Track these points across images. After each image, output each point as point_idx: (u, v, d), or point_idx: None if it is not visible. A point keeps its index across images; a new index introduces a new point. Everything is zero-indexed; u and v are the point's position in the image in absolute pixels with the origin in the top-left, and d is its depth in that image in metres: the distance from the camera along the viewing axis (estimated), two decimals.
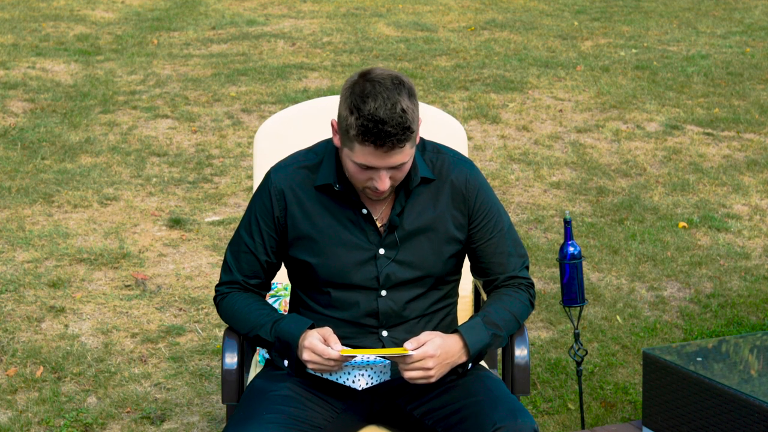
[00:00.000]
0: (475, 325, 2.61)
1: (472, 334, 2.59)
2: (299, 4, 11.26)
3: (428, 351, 2.50)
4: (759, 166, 6.64)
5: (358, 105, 2.44)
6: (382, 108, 2.42)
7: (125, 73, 8.36)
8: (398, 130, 2.43)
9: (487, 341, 2.61)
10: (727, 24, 10.75)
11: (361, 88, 2.45)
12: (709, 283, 5.06)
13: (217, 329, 4.47)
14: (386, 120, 2.41)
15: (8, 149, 6.55)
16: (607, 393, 4.10)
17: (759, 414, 3.23)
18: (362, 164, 2.49)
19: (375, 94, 2.43)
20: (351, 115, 2.45)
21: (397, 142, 2.44)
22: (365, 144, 2.45)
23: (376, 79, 2.46)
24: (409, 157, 2.51)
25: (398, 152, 2.46)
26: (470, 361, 2.62)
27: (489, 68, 8.66)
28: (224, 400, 2.75)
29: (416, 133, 2.51)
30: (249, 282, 2.73)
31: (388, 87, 2.44)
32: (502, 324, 2.65)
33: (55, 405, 3.90)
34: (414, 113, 2.46)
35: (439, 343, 2.52)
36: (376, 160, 2.47)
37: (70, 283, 4.84)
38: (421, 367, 2.50)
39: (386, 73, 2.49)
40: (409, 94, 2.46)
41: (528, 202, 6.00)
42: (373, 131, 2.42)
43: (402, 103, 2.43)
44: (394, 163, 2.48)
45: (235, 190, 6.01)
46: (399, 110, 2.42)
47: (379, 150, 2.45)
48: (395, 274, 2.64)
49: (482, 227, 2.69)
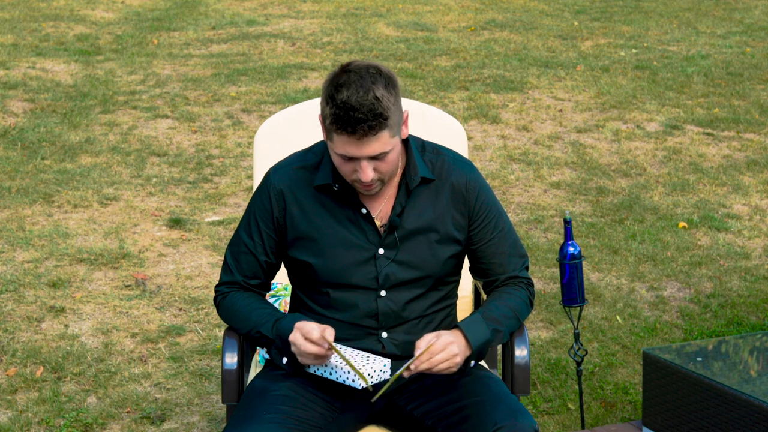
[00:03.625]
0: (476, 320, 2.61)
1: (473, 329, 2.58)
2: (299, 4, 11.26)
3: (447, 339, 2.49)
4: (759, 166, 6.64)
5: (333, 94, 2.45)
6: (354, 95, 2.43)
7: (125, 73, 8.36)
8: (369, 117, 2.42)
9: (488, 337, 2.60)
10: (727, 24, 10.75)
11: (337, 78, 2.47)
12: (709, 283, 5.06)
13: (217, 329, 4.47)
14: (357, 107, 2.42)
15: (8, 149, 6.55)
16: (607, 393, 4.10)
17: (759, 414, 3.23)
18: (342, 154, 2.50)
19: (349, 83, 2.44)
20: (327, 105, 2.47)
21: (369, 129, 2.44)
22: (340, 133, 2.46)
23: (352, 69, 2.48)
24: (390, 147, 2.50)
25: (373, 140, 2.46)
26: (472, 358, 2.62)
27: (489, 68, 8.66)
28: (224, 400, 2.75)
29: (395, 123, 2.49)
30: (249, 282, 2.73)
31: (362, 76, 2.45)
32: (502, 320, 2.64)
33: (55, 405, 3.90)
34: (389, 102, 2.45)
35: (447, 334, 2.52)
36: (354, 149, 2.47)
37: (70, 283, 4.84)
38: (448, 356, 2.48)
39: (365, 63, 2.50)
40: (386, 84, 2.46)
41: (528, 202, 6.00)
42: (344, 118, 2.43)
43: (375, 91, 2.43)
44: (371, 153, 2.48)
45: (235, 190, 6.01)
46: (371, 97, 2.42)
47: (352, 138, 2.45)
48: (395, 274, 2.64)
49: (482, 228, 2.69)
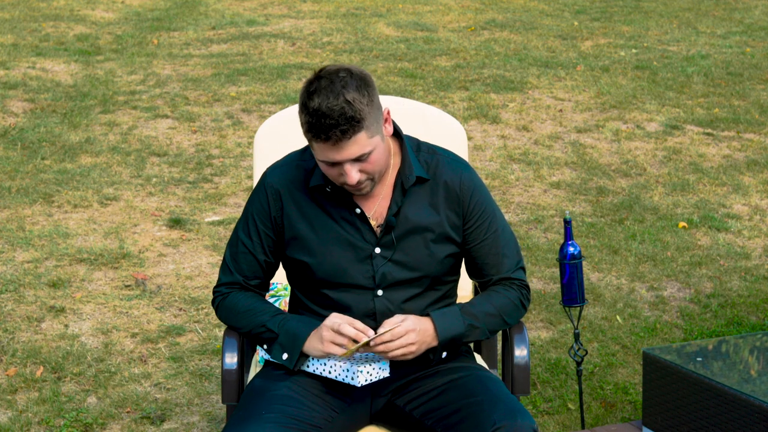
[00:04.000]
0: (450, 312, 2.62)
1: (444, 321, 2.60)
2: (299, 4, 11.26)
3: (408, 326, 2.53)
4: (759, 166, 6.64)
5: (305, 102, 2.45)
6: (324, 102, 2.42)
7: (125, 73, 8.36)
8: (341, 122, 2.42)
9: (461, 330, 2.61)
10: (727, 24, 10.75)
11: (309, 86, 2.47)
12: (709, 283, 5.06)
13: (217, 329, 4.47)
14: (327, 113, 2.42)
15: (8, 149, 6.55)
16: (607, 393, 4.10)
17: (759, 414, 3.23)
18: (324, 161, 2.50)
19: (319, 90, 2.44)
20: (301, 113, 2.47)
21: (342, 134, 2.43)
22: (316, 140, 2.46)
23: (324, 75, 2.47)
24: (371, 148, 2.49)
25: (350, 143, 2.45)
26: (442, 348, 2.62)
27: (489, 68, 8.66)
28: (224, 400, 2.75)
29: (372, 123, 2.48)
30: (249, 282, 2.73)
31: (332, 81, 2.44)
32: (482, 316, 2.65)
33: (55, 405, 3.90)
34: (361, 104, 2.44)
35: (414, 320, 2.56)
36: (333, 154, 2.47)
37: (70, 283, 4.84)
38: (405, 343, 2.52)
39: (335, 68, 2.48)
40: (358, 86, 2.45)
41: (528, 202, 6.00)
42: (317, 125, 2.43)
43: (346, 95, 2.42)
44: (351, 156, 2.47)
45: (235, 190, 6.01)
46: (341, 101, 2.42)
47: (328, 144, 2.45)
48: (391, 273, 2.64)
49: (476, 228, 2.69)
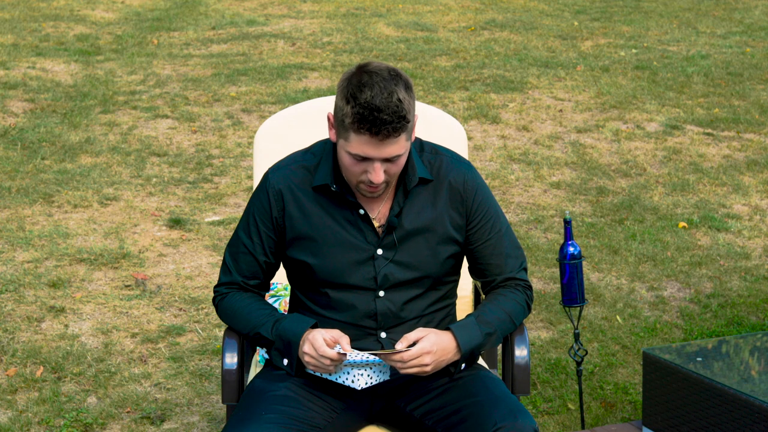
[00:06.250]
0: (468, 324, 2.62)
1: (464, 333, 2.59)
2: (299, 4, 11.26)
3: (425, 347, 2.51)
4: (759, 166, 6.64)
5: (355, 94, 2.45)
6: (378, 96, 2.43)
7: (125, 73, 8.36)
8: (394, 118, 2.43)
9: (480, 341, 2.61)
10: (727, 24, 10.75)
11: (358, 78, 2.47)
12: (709, 283, 5.06)
13: (217, 329, 4.47)
14: (382, 108, 2.43)
15: (8, 149, 6.55)
16: (607, 393, 4.10)
17: (759, 414, 3.23)
18: (357, 155, 2.50)
19: (372, 84, 2.45)
20: (347, 104, 2.46)
21: (393, 131, 2.45)
22: (361, 132, 2.46)
23: (373, 70, 2.48)
24: (404, 150, 2.51)
25: (393, 142, 2.47)
26: (462, 361, 2.62)
27: (489, 68, 8.66)
28: (224, 400, 2.75)
29: (412, 126, 2.52)
30: (248, 283, 2.73)
31: (384, 77, 2.46)
32: (495, 323, 2.65)
33: (55, 405, 3.90)
34: (410, 105, 2.47)
35: (434, 339, 2.53)
36: (372, 150, 2.48)
37: (70, 283, 4.84)
38: (418, 364, 2.51)
39: (383, 65, 2.51)
40: (406, 87, 2.48)
41: (528, 202, 6.00)
42: (368, 119, 2.43)
43: (398, 93, 2.45)
44: (389, 154, 2.49)
45: (235, 190, 6.01)
46: (395, 99, 2.44)
47: (374, 138, 2.46)
48: (393, 274, 2.64)
49: (480, 228, 2.69)
